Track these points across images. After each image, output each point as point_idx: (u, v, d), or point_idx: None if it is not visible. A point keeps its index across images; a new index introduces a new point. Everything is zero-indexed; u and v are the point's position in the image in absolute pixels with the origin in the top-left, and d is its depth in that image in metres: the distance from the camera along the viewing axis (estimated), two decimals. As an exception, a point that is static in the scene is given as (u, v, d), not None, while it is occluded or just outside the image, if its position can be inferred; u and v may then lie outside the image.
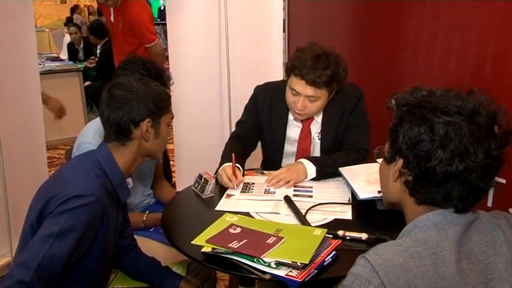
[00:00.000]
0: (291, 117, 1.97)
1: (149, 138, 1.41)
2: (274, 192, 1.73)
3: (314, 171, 1.82)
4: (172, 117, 1.51)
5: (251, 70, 2.92)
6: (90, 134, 1.75)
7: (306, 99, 1.79)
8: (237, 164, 1.80)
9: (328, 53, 1.76)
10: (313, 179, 1.83)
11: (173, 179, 3.21)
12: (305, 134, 1.97)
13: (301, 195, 1.70)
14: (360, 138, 1.93)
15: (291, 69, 1.79)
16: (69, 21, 8.71)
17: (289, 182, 1.77)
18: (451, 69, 2.15)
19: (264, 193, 1.73)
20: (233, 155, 1.77)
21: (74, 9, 9.86)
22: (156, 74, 1.78)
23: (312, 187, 1.78)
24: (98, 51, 5.53)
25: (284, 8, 3.07)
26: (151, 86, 1.41)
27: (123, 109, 1.36)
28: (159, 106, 1.41)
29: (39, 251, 1.16)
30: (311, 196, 1.70)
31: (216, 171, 1.85)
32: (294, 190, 1.75)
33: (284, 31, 3.09)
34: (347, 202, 1.65)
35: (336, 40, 1.90)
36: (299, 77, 1.75)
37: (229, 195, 1.72)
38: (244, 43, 2.93)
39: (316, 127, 1.97)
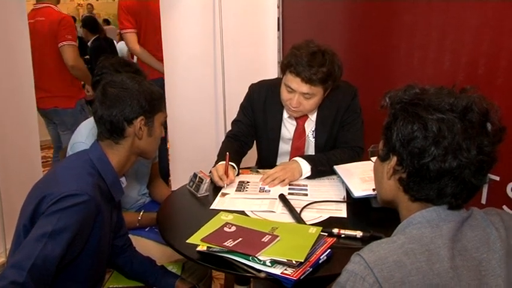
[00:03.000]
0: (285, 115, 1.97)
1: (142, 136, 1.41)
2: (269, 191, 1.73)
3: (309, 169, 1.82)
4: (166, 117, 1.51)
5: (246, 68, 2.92)
6: (83, 134, 1.75)
7: (301, 96, 1.79)
8: (231, 163, 1.80)
9: (324, 50, 1.77)
10: (308, 178, 1.83)
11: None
12: (299, 132, 1.97)
13: (296, 194, 1.70)
14: (355, 136, 1.94)
15: (286, 66, 1.79)
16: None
17: (284, 180, 1.77)
18: (445, 67, 2.16)
19: (259, 192, 1.73)
20: (227, 153, 1.77)
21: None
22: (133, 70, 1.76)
23: (306, 185, 1.78)
24: (89, 48, 5.52)
25: (278, 7, 3.07)
26: (144, 85, 1.42)
27: (116, 107, 1.36)
28: (152, 104, 1.41)
29: (32, 251, 1.15)
30: (306, 194, 1.70)
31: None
32: (289, 188, 1.75)
33: (278, 29, 3.09)
34: (342, 200, 1.65)
35: (330, 38, 1.90)
36: (294, 74, 1.75)
37: (224, 194, 1.72)
38: (238, 42, 2.92)
39: (310, 125, 1.97)
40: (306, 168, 1.82)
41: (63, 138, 3.29)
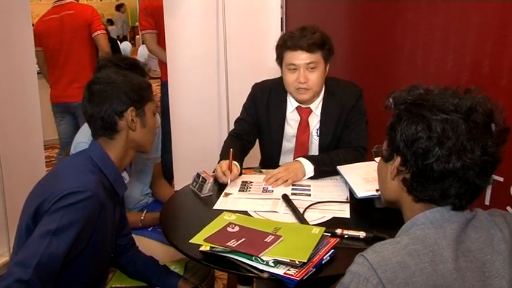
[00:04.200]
0: (288, 111, 1.98)
1: (136, 128, 1.42)
2: (272, 191, 1.73)
3: (312, 170, 1.82)
4: (157, 106, 1.51)
5: (249, 69, 2.91)
6: (86, 134, 1.75)
7: (305, 70, 1.84)
8: (234, 162, 1.80)
9: (312, 25, 1.87)
10: (311, 178, 1.83)
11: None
12: (303, 127, 1.98)
13: (299, 194, 1.70)
14: (358, 137, 1.94)
15: (281, 47, 1.86)
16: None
17: (287, 181, 1.77)
18: (448, 67, 2.15)
19: (262, 192, 1.73)
20: (231, 150, 1.78)
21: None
22: (130, 66, 1.77)
23: (310, 186, 1.78)
24: None
25: (282, 7, 3.07)
26: (129, 76, 1.43)
27: (105, 102, 1.37)
28: (140, 94, 1.42)
29: (37, 248, 1.15)
30: (309, 195, 1.70)
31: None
32: (292, 189, 1.75)
33: (282, 30, 3.08)
34: (345, 200, 1.65)
35: (333, 38, 1.90)
36: (292, 49, 1.83)
37: (227, 194, 1.72)
38: (242, 42, 2.92)
39: (314, 120, 1.98)
40: (309, 168, 1.82)
41: None
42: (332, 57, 1.91)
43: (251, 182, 1.81)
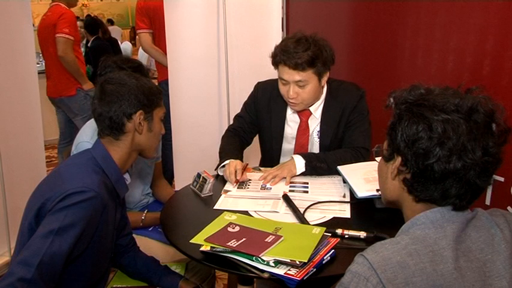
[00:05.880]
0: (289, 112, 1.98)
1: (142, 131, 1.42)
2: (271, 189, 1.75)
3: (303, 165, 1.82)
4: (165, 112, 1.52)
5: (250, 69, 2.91)
6: (88, 133, 1.76)
7: (295, 86, 1.82)
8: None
9: (309, 36, 1.81)
10: (305, 174, 1.83)
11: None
12: (303, 129, 1.98)
13: (297, 191, 1.72)
14: (360, 137, 1.93)
15: (274, 58, 1.84)
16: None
17: (285, 178, 1.79)
18: (449, 67, 2.15)
19: (260, 189, 1.75)
20: (247, 164, 1.82)
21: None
22: (133, 70, 1.77)
23: (307, 183, 1.79)
24: (89, 46, 5.57)
25: (283, 7, 3.07)
26: (142, 80, 1.44)
27: (115, 102, 1.37)
28: (151, 99, 1.43)
29: (40, 248, 1.15)
30: (307, 192, 1.72)
31: (217, 167, 1.88)
32: (290, 186, 1.76)
33: (283, 30, 3.09)
34: (344, 199, 1.65)
35: (334, 39, 1.90)
36: (283, 64, 1.81)
37: (226, 191, 1.74)
38: (243, 42, 2.92)
39: (314, 123, 1.98)
40: (300, 163, 1.83)
41: (77, 123, 3.66)
42: (332, 66, 1.86)
43: (249, 180, 1.83)
